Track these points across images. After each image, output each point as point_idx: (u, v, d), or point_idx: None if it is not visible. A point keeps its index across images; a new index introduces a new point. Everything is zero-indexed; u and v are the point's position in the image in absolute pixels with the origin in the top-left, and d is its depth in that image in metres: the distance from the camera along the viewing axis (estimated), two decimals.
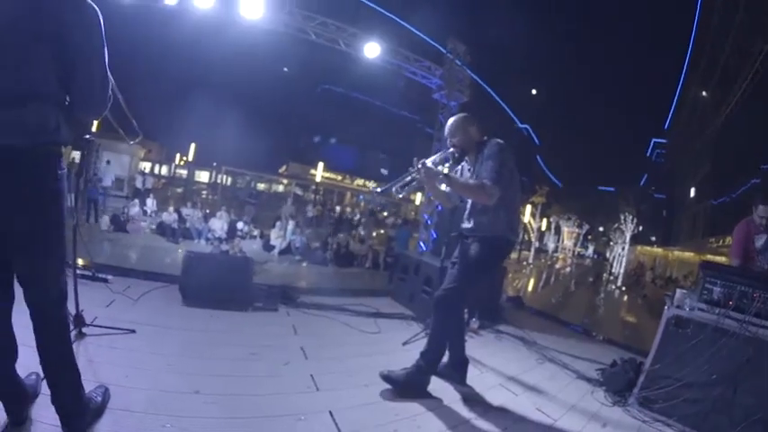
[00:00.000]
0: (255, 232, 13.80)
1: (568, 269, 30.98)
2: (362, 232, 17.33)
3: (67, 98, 1.53)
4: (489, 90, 41.75)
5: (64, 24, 1.42)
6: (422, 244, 8.60)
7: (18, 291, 1.59)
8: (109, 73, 1.60)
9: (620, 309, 16.14)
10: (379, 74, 10.28)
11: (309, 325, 3.76)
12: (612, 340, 5.16)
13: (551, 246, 40.25)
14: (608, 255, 39.88)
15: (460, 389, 2.81)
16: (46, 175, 1.47)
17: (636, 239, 33.78)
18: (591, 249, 51.07)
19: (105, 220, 10.20)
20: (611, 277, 28.45)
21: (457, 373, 2.89)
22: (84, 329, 2.70)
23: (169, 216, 11.00)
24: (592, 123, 53.91)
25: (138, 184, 15.17)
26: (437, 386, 2.75)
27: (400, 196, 3.04)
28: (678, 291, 3.15)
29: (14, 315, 1.60)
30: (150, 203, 12.77)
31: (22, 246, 1.50)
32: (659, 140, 53.43)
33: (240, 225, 13.18)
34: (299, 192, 31.90)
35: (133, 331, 2.85)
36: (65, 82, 1.49)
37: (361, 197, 34.61)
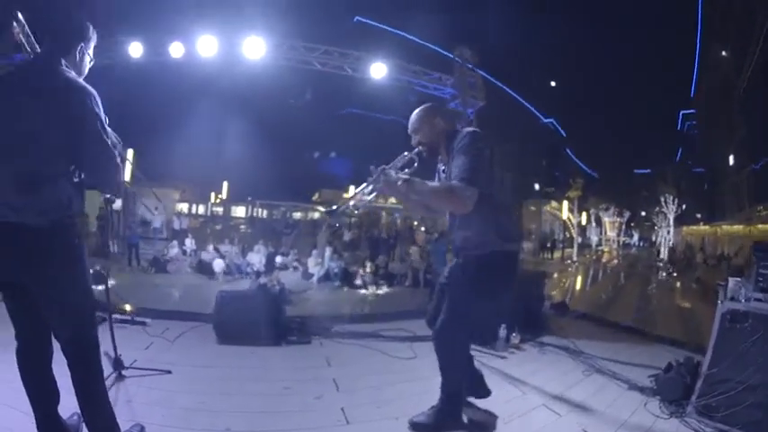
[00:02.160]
0: (295, 263, 14.04)
1: (615, 261, 29.66)
2: (398, 250, 17.35)
3: (78, 174, 1.74)
4: (506, 89, 41.04)
5: (67, 116, 1.63)
6: None
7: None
8: (115, 148, 1.77)
9: (673, 297, 15.13)
10: (393, 92, 10.43)
11: (343, 355, 3.74)
12: (666, 338, 4.73)
13: (595, 239, 38.46)
14: (654, 240, 38.04)
15: (496, 414, 2.60)
16: (63, 245, 1.67)
17: (681, 220, 32.09)
18: (636, 237, 48.15)
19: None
20: (660, 263, 26.97)
21: (476, 389, 2.64)
22: (124, 372, 2.83)
23: (208, 254, 11.34)
24: (617, 106, 51.34)
25: (176, 226, 15.84)
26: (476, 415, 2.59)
27: (357, 211, 2.77)
28: (731, 280, 2.81)
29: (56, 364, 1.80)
30: (189, 243, 13.17)
31: (50, 305, 1.70)
32: (688, 111, 48.65)
33: (279, 259, 13.43)
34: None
35: (169, 372, 2.95)
36: (74, 161, 1.71)
37: (397, 214, 34.62)
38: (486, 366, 3.33)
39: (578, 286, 16.80)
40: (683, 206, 31.89)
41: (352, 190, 30.97)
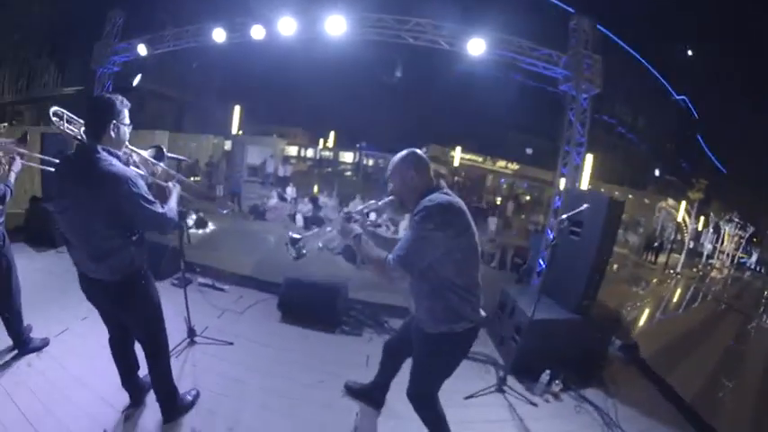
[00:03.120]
0: (388, 222, 14.46)
1: (720, 286, 26.13)
2: (493, 227, 16.95)
3: (136, 234, 2.21)
4: (631, 51, 35.14)
5: (111, 203, 2.01)
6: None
7: None
8: (155, 206, 2.11)
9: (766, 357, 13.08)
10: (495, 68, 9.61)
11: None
12: None
13: (708, 247, 33.37)
14: None
15: None
16: (133, 291, 2.28)
17: None
18: (754, 258, 38.63)
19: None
20: None
21: (376, 395, 3.03)
22: (196, 338, 3.47)
23: (304, 207, 12.18)
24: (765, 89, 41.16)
25: (281, 173, 17.01)
26: None
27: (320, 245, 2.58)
28: None
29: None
30: (290, 191, 14.15)
31: (131, 325, 2.45)
32: None
33: (373, 216, 13.95)
34: (442, 170, 32.24)
35: (231, 343, 3.54)
36: (131, 229, 2.16)
37: (503, 180, 33.59)
38: (512, 410, 3.32)
39: (662, 312, 15.01)
40: None
41: (458, 150, 30.29)
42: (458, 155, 31.16)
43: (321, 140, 32.89)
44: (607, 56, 7.24)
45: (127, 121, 2.14)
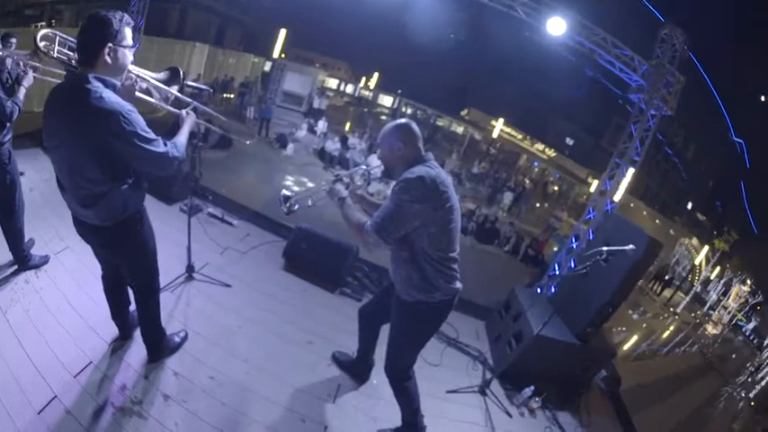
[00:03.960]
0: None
1: (709, 340, 25.84)
2: (506, 210, 16.71)
3: (132, 177, 2.00)
4: (710, 82, 33.42)
5: (103, 143, 1.78)
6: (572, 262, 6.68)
7: None
8: (155, 144, 1.87)
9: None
10: (569, 54, 9.08)
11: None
12: None
13: (713, 298, 33.05)
14: (766, 344, 30.92)
15: None
16: (126, 237, 2.14)
17: None
18: (752, 325, 38.00)
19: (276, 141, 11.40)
20: (749, 378, 22.13)
21: (359, 369, 3.07)
22: (194, 275, 3.39)
23: (332, 144, 11.89)
24: None
25: (315, 104, 16.29)
26: None
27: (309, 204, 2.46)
28: None
29: None
30: (321, 125, 13.72)
31: (124, 270, 2.37)
32: None
33: (358, 181, 13.68)
34: (476, 136, 31.59)
35: (229, 286, 3.47)
36: (126, 170, 1.96)
37: (536, 163, 32.87)
38: (487, 415, 3.33)
39: (648, 345, 14.91)
40: None
41: (500, 121, 29.41)
42: (499, 126, 30.22)
43: (363, 79, 32.01)
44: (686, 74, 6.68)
45: (128, 42, 1.82)
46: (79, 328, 2.67)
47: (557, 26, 6.40)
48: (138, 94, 1.98)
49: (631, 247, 3.26)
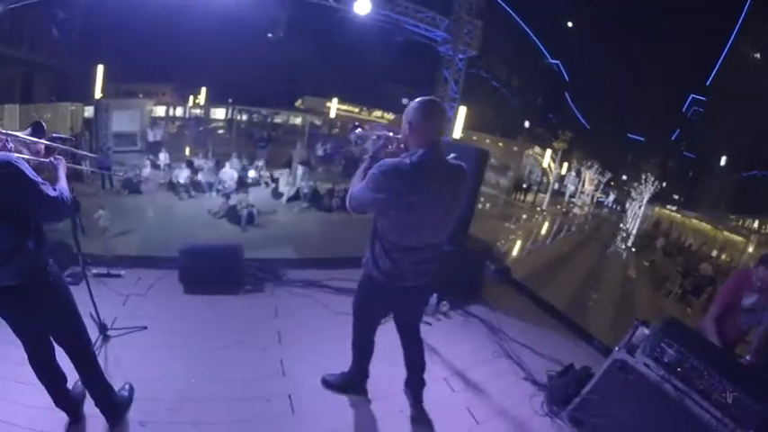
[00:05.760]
0: (267, 179, 14.25)
1: (581, 220, 30.26)
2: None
3: (34, 236, 1.97)
4: (518, 19, 38.70)
5: (11, 201, 1.82)
6: None
7: None
8: (49, 189, 1.89)
9: (622, 275, 16.07)
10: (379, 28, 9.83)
11: (290, 306, 4.14)
12: (585, 332, 4.81)
13: (571, 188, 38.62)
14: (627, 206, 38.71)
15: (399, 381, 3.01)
16: (43, 291, 2.05)
17: (657, 196, 33.39)
18: (611, 198, 47.77)
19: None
20: (624, 234, 27.77)
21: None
22: (108, 332, 3.29)
23: (180, 172, 11.42)
24: (630, 65, 48.87)
25: (150, 137, 15.48)
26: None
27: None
28: (641, 329, 3.00)
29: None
30: (163, 157, 13.13)
31: (50, 331, 2.22)
32: (698, 97, 49.17)
33: (252, 173, 13.65)
34: (317, 122, 31.97)
35: (145, 327, 3.42)
36: (32, 222, 1.96)
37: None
38: None
39: (532, 243, 17.06)
40: (664, 183, 32.27)
41: (334, 101, 30.07)
42: (334, 106, 31.20)
43: (191, 98, 30.31)
44: (491, 19, 7.85)
45: None
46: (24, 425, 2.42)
47: (363, 6, 7.19)
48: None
49: (453, 155, 4.10)
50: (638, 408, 2.78)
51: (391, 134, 2.41)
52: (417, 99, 2.21)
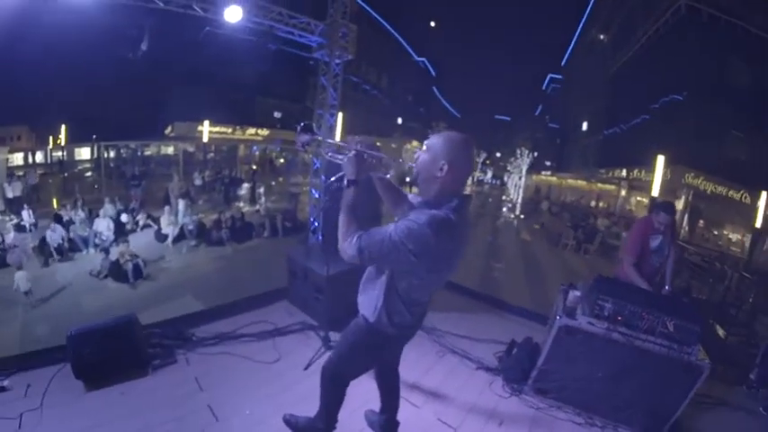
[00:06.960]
0: (147, 221, 12.93)
1: None
2: (243, 192, 17.76)
3: None
4: (383, 22, 40.68)
5: None
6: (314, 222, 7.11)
7: None
8: None
9: (519, 241, 17.49)
10: (253, 35, 9.48)
11: (211, 371, 3.67)
12: (510, 305, 5.11)
13: None
14: (506, 180, 42.45)
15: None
16: None
17: (533, 166, 37.10)
18: (489, 174, 54.14)
19: None
20: (510, 204, 30.29)
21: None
22: None
23: (54, 232, 9.70)
24: (491, 56, 56.93)
25: (9, 194, 13.04)
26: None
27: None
28: (571, 293, 3.31)
29: None
30: (27, 216, 11.27)
31: None
32: (555, 76, 57.62)
33: (125, 218, 12.35)
34: (190, 149, 30.30)
35: None
36: None
37: (255, 148, 33.66)
38: None
39: None
40: (536, 153, 36.01)
41: (206, 124, 28.79)
42: (206, 129, 29.89)
43: (51, 139, 26.61)
44: (357, 21, 7.89)
45: None
46: None
47: (233, 13, 6.74)
48: None
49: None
50: (594, 360, 3.12)
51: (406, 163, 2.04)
52: (451, 133, 1.87)
